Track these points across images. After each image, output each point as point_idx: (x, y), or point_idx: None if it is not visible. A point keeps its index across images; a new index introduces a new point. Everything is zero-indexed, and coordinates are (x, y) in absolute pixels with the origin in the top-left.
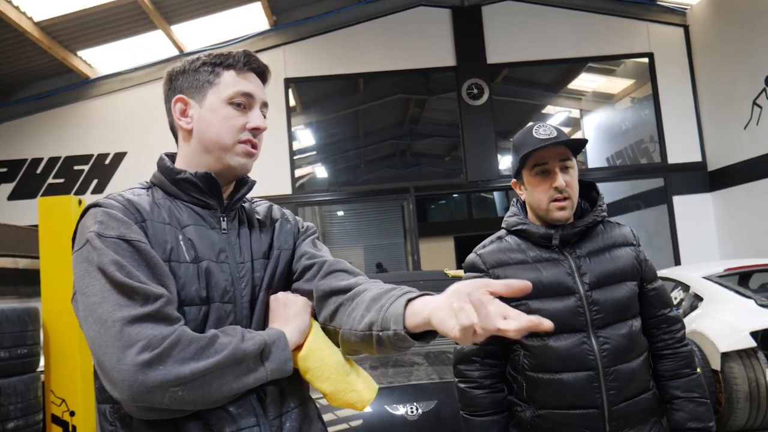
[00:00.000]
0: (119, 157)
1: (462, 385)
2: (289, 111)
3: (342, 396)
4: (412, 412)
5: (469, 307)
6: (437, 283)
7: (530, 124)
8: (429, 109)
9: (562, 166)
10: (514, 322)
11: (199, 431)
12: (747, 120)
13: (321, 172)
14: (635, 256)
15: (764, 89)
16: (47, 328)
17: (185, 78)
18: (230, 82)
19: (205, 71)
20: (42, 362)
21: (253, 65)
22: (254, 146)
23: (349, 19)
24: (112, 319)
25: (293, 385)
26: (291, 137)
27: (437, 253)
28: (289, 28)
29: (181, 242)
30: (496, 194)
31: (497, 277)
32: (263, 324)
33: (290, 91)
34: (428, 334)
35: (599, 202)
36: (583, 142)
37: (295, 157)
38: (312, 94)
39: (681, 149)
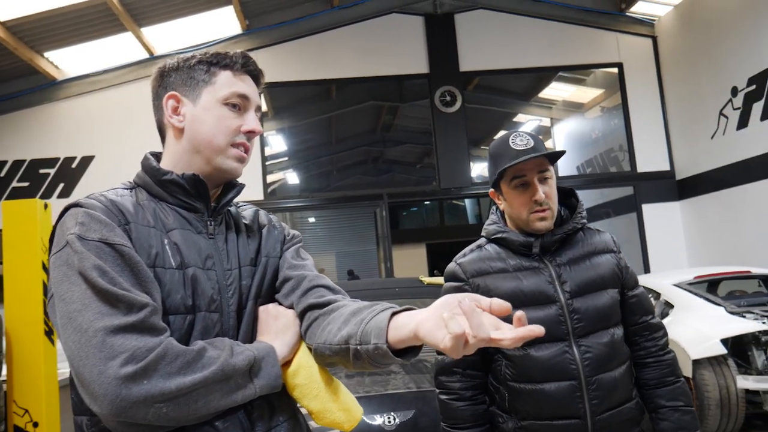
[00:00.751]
0: (86, 161)
1: (443, 397)
2: (262, 116)
3: (330, 415)
4: (389, 421)
5: (461, 316)
6: (412, 290)
7: (506, 132)
8: (401, 116)
9: (541, 177)
10: (508, 332)
11: None
12: (714, 130)
13: (293, 178)
14: (616, 263)
15: (730, 100)
16: (10, 335)
17: (179, 75)
18: (226, 82)
19: (201, 70)
20: (4, 371)
21: (249, 67)
22: (246, 150)
23: (323, 24)
24: (93, 328)
25: (282, 398)
26: (263, 143)
27: (409, 260)
28: (262, 33)
29: (167, 247)
30: (467, 201)
31: (477, 287)
32: (251, 335)
33: (262, 96)
34: (410, 351)
35: (579, 209)
36: (560, 154)
37: (267, 163)
38: (284, 100)
39: (650, 158)
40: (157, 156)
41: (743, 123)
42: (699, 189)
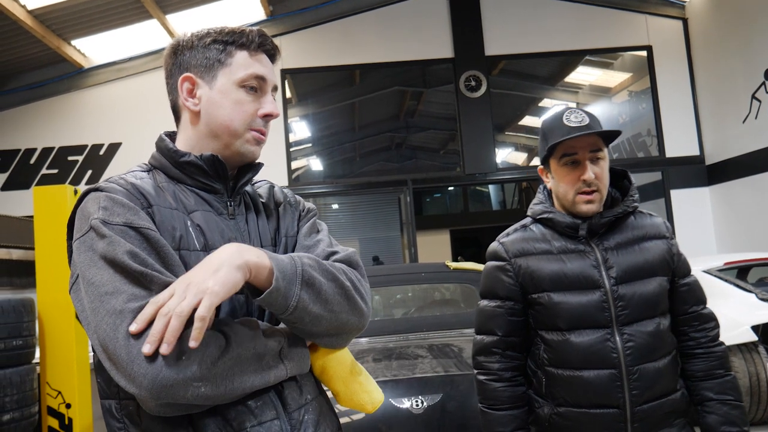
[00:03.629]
0: (114, 147)
1: (481, 377)
2: (286, 103)
3: (355, 397)
4: (417, 405)
5: None
6: (438, 275)
7: (561, 108)
8: (425, 101)
9: (593, 157)
10: None
11: (218, 427)
12: (746, 114)
13: (316, 164)
14: (667, 250)
15: (763, 83)
16: (42, 319)
17: (193, 55)
18: (243, 63)
19: (216, 49)
20: (38, 354)
21: (267, 46)
22: (264, 133)
23: (347, 9)
24: (128, 309)
25: (309, 379)
26: (287, 129)
27: (433, 247)
28: (286, 19)
29: (190, 229)
30: (492, 188)
31: (519, 267)
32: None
33: (286, 82)
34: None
35: (631, 191)
36: (616, 134)
37: (291, 149)
38: (308, 86)
39: (679, 143)
40: (171, 136)
41: None
42: (729, 174)
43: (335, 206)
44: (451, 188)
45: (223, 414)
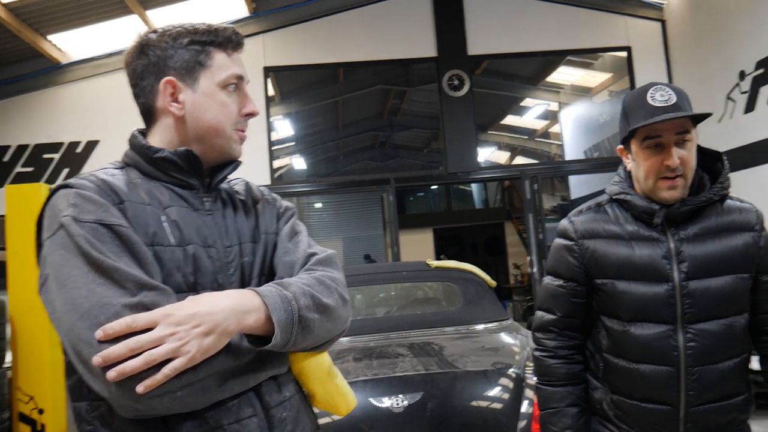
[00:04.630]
0: (91, 145)
1: (537, 353)
2: (268, 101)
3: (331, 399)
4: (397, 404)
5: None
6: (419, 274)
7: (645, 84)
8: (409, 100)
9: (679, 140)
10: None
11: (194, 426)
12: (721, 113)
13: (299, 163)
14: (752, 243)
15: (738, 83)
16: (14, 322)
17: (170, 56)
18: (223, 64)
19: (195, 51)
20: (9, 358)
21: (241, 44)
22: (245, 130)
23: (331, 7)
24: (102, 313)
25: (288, 375)
26: (270, 127)
27: (416, 245)
28: (269, 16)
29: (165, 224)
30: (474, 187)
31: (586, 249)
32: None
33: (269, 80)
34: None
35: (721, 177)
36: (705, 116)
37: (273, 148)
38: (291, 84)
39: None
40: (144, 133)
41: (750, 107)
42: None
43: (318, 205)
44: (434, 187)
45: (200, 412)
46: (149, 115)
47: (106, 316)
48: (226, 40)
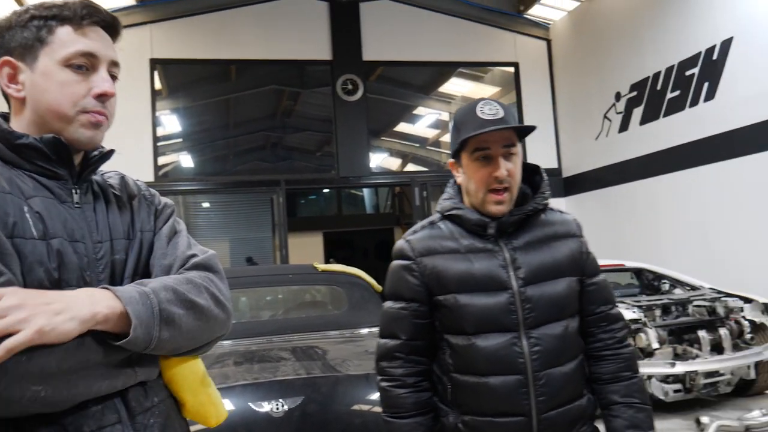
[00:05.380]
0: None
1: (384, 384)
2: (154, 94)
3: (202, 409)
4: (277, 408)
5: None
6: (306, 277)
7: (475, 100)
8: (302, 102)
9: (506, 152)
10: None
11: None
12: (598, 131)
13: (187, 160)
14: (577, 248)
15: (614, 104)
16: None
17: (12, 35)
18: (67, 40)
19: (35, 27)
20: None
21: (95, 18)
22: (102, 115)
23: (223, 2)
24: None
25: (156, 380)
26: (155, 122)
27: (306, 249)
28: (158, 6)
29: (27, 215)
30: (366, 191)
31: (425, 267)
32: None
33: (156, 73)
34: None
35: (542, 188)
36: (530, 129)
37: (158, 144)
38: (180, 78)
39: (540, 156)
40: (6, 116)
41: (624, 126)
42: (582, 186)
43: (206, 205)
44: (325, 191)
45: (58, 417)
46: (6, 98)
47: None
48: (72, 13)
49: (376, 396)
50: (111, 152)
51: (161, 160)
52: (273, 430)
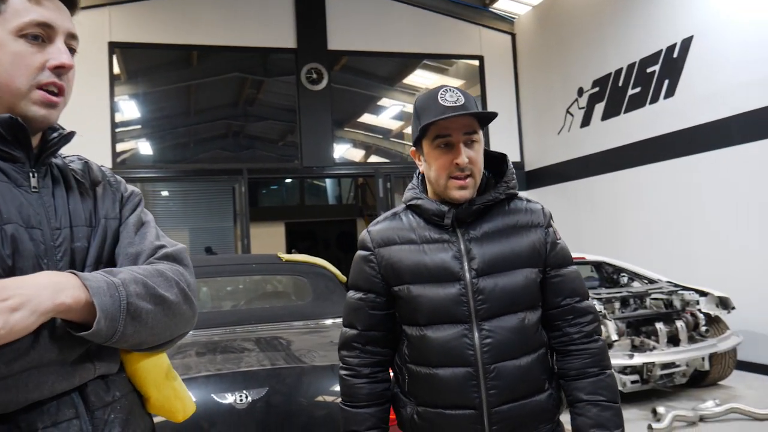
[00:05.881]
0: None
1: (342, 372)
2: (113, 79)
3: (167, 403)
4: (241, 400)
5: None
6: (269, 267)
7: (436, 86)
8: (265, 90)
9: (467, 139)
10: None
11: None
12: (561, 126)
13: (146, 148)
14: (540, 239)
15: (576, 99)
16: None
17: None
18: (21, 8)
19: None
20: None
21: None
22: (60, 91)
23: None
24: None
25: (119, 374)
26: (113, 108)
27: (268, 239)
28: None
29: None
30: (328, 182)
31: (382, 258)
32: None
33: (115, 57)
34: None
35: (506, 177)
36: (492, 116)
37: (117, 130)
38: (139, 63)
39: (503, 149)
40: None
41: (586, 122)
42: (544, 180)
43: (165, 193)
44: (288, 180)
45: (9, 414)
46: None
47: None
48: None
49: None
50: (72, 134)
51: (119, 147)
52: (237, 422)
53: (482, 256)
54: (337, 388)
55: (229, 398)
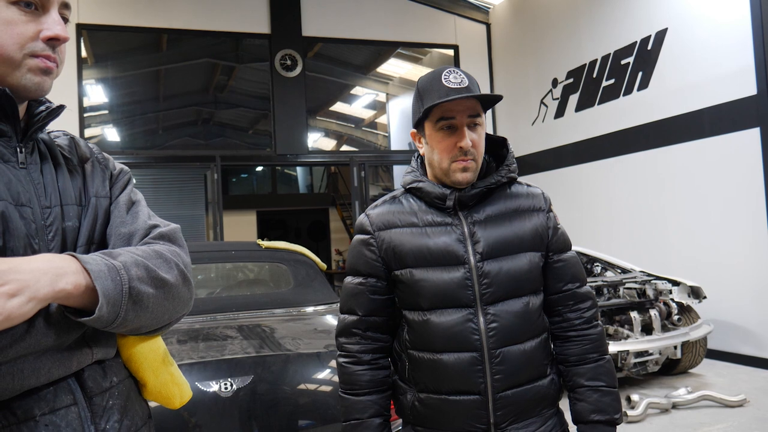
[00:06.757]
0: None
1: (341, 360)
2: (81, 62)
3: (164, 389)
4: (225, 388)
5: None
6: (249, 254)
7: (439, 67)
8: (237, 77)
9: (471, 122)
10: None
11: None
12: (535, 117)
13: (113, 134)
14: (542, 224)
15: (551, 90)
16: None
17: None
18: None
19: None
20: None
21: None
22: (52, 60)
23: None
24: None
25: (115, 359)
26: (81, 92)
27: (239, 227)
28: None
29: None
30: (300, 171)
31: (383, 241)
32: None
33: (82, 40)
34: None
35: (507, 161)
36: (496, 98)
37: (84, 115)
38: (107, 46)
39: None
40: None
41: (560, 113)
42: (518, 171)
43: (133, 180)
44: (259, 169)
45: (5, 402)
46: None
47: None
48: None
49: (327, 375)
50: (61, 108)
51: (87, 132)
52: (222, 410)
53: (487, 240)
54: (322, 375)
55: (214, 386)
